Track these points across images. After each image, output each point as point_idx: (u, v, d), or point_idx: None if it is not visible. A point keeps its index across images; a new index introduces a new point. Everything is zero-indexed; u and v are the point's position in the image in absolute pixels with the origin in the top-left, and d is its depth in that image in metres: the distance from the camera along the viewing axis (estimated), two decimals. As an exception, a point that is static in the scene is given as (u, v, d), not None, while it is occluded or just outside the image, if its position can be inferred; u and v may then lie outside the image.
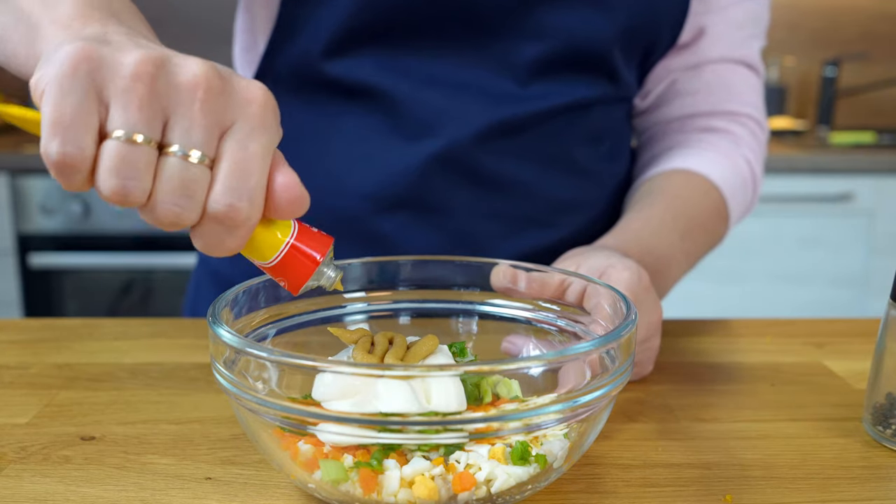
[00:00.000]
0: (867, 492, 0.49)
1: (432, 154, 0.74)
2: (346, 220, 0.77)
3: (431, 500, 0.42)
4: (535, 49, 0.74)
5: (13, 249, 2.06)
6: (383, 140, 0.75)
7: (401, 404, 0.41)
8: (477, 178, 0.76)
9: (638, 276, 0.59)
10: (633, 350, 0.46)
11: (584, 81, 0.77)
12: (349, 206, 0.76)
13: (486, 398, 0.49)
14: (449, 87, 0.74)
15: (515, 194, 0.77)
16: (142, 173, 0.37)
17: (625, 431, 0.56)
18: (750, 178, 0.84)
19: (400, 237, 0.76)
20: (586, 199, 0.81)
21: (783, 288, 2.14)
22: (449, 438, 0.40)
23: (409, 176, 0.74)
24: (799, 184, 2.08)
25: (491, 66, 0.74)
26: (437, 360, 0.49)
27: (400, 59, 0.74)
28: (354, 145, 0.76)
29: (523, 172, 0.77)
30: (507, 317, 0.57)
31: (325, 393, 0.43)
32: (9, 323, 0.79)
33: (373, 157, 0.75)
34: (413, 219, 0.76)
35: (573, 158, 0.79)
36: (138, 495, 0.48)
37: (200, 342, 0.72)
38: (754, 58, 0.85)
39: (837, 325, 0.79)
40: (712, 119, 0.85)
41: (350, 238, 0.77)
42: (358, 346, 0.49)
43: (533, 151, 0.77)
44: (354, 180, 0.76)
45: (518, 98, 0.75)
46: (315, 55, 0.74)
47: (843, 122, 2.60)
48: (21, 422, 0.57)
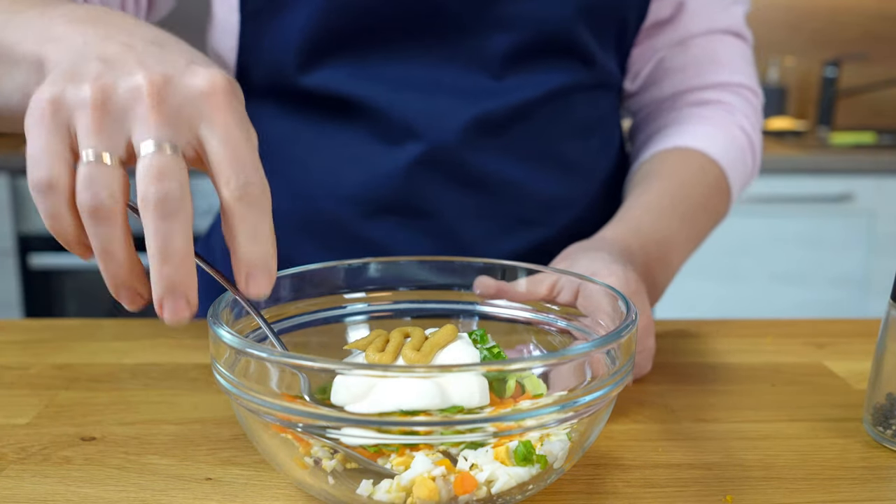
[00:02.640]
0: (867, 492, 0.49)
1: (416, 157, 0.74)
2: (334, 226, 0.77)
3: (432, 501, 0.42)
4: (504, 40, 0.73)
5: (13, 250, 2.06)
6: (367, 146, 0.75)
7: (421, 400, 0.41)
8: (463, 178, 0.75)
9: (624, 280, 0.59)
10: (633, 350, 0.46)
11: (559, 68, 0.76)
12: (337, 212, 0.76)
13: (509, 388, 0.48)
14: (424, 89, 0.73)
15: (503, 193, 0.77)
16: (111, 184, 0.40)
17: (625, 432, 0.56)
18: (748, 146, 0.84)
19: (389, 242, 0.76)
20: (576, 195, 0.81)
21: (783, 288, 2.14)
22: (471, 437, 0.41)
23: (395, 180, 0.74)
24: (799, 184, 2.08)
25: (463, 62, 0.74)
26: (457, 349, 0.48)
27: (371, 67, 0.73)
28: (340, 152, 0.76)
29: (510, 170, 0.76)
30: (508, 317, 0.57)
31: (344, 397, 0.43)
32: (9, 323, 0.79)
33: (358, 162, 0.75)
34: (401, 223, 0.76)
35: (561, 154, 0.79)
36: (138, 496, 0.48)
37: (201, 342, 0.72)
38: (739, 25, 0.84)
39: (838, 326, 0.79)
40: (704, 92, 0.84)
41: (339, 244, 0.77)
42: (370, 347, 0.49)
43: (518, 148, 0.76)
44: (342, 186, 0.76)
45: (495, 92, 0.74)
46: (287, 69, 0.74)
47: (844, 123, 2.60)
48: (21, 422, 0.57)
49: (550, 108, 0.77)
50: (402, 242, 0.76)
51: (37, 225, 2.05)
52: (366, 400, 0.43)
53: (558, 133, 0.78)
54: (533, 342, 0.56)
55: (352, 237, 0.76)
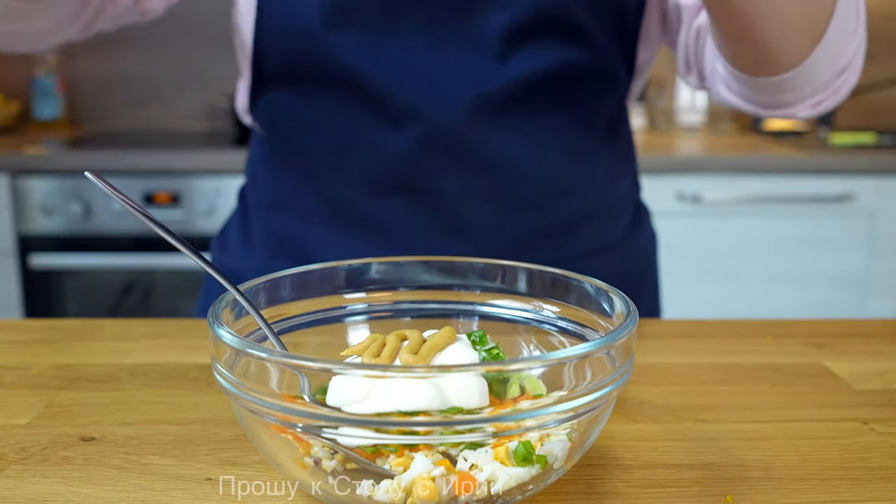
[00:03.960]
0: (868, 493, 0.49)
1: (419, 138, 0.75)
2: (340, 206, 0.79)
3: (432, 502, 0.42)
4: (503, 18, 0.74)
5: (13, 250, 2.06)
6: (372, 126, 0.76)
7: (419, 403, 0.41)
8: (466, 159, 0.76)
9: None
10: (633, 351, 0.46)
11: (558, 48, 0.76)
12: (343, 192, 0.78)
13: (510, 393, 0.48)
14: (426, 68, 0.74)
15: (507, 176, 0.77)
16: None
17: (625, 432, 0.56)
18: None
19: (393, 221, 0.78)
20: (580, 183, 0.81)
21: (784, 288, 2.14)
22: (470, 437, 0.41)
23: (399, 160, 0.76)
24: (799, 184, 2.08)
25: (465, 41, 0.74)
26: (455, 351, 0.48)
27: (376, 44, 0.74)
28: (345, 132, 0.78)
29: (513, 153, 0.77)
30: (508, 318, 0.57)
31: (339, 402, 0.43)
32: (9, 324, 0.79)
33: (364, 142, 0.77)
34: (405, 203, 0.77)
35: (565, 140, 0.79)
36: (138, 496, 0.48)
37: (201, 343, 0.72)
38: None
39: (838, 326, 0.79)
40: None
41: (346, 224, 0.78)
42: (366, 353, 0.49)
43: (521, 130, 0.77)
44: (349, 167, 0.78)
45: (496, 72, 0.75)
46: (299, 47, 0.75)
47: (844, 123, 2.59)
48: (21, 422, 0.57)
49: (552, 90, 0.77)
50: (406, 222, 0.77)
51: (37, 225, 2.05)
52: (364, 403, 0.43)
53: (562, 118, 0.78)
54: (533, 342, 0.56)
55: (359, 217, 0.78)
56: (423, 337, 0.50)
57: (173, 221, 1.99)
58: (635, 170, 0.91)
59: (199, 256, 0.48)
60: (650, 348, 0.72)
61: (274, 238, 0.84)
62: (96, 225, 2.04)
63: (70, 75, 2.49)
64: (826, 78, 0.73)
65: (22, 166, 2.01)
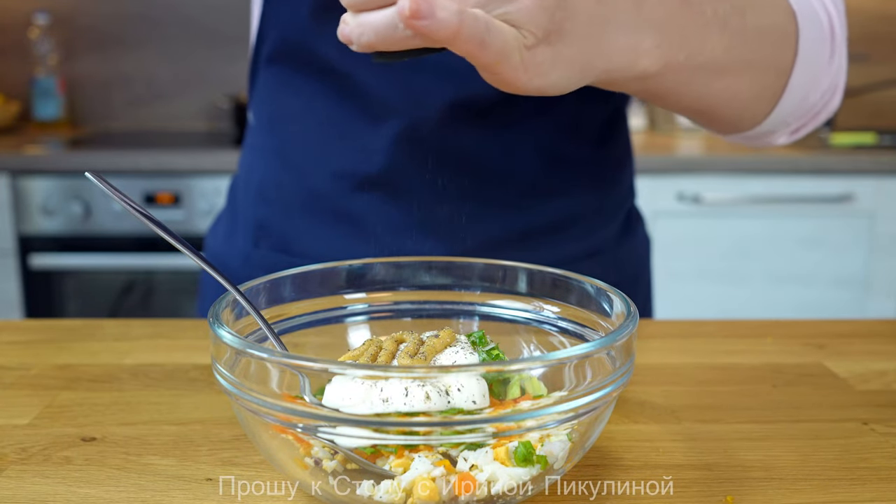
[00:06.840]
0: (868, 493, 0.49)
1: (397, 134, 0.75)
2: (321, 199, 0.79)
3: (432, 502, 0.42)
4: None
5: (14, 250, 2.06)
6: (353, 121, 0.77)
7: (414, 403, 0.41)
8: (442, 158, 0.76)
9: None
10: (633, 351, 0.46)
11: None
12: (324, 186, 0.79)
13: (511, 394, 0.48)
14: (405, 66, 0.74)
15: (483, 176, 0.77)
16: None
17: (625, 432, 0.56)
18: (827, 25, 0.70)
19: (370, 216, 0.78)
20: (563, 187, 0.81)
21: (784, 289, 2.14)
22: (471, 438, 0.41)
23: (378, 156, 0.76)
24: (800, 184, 2.08)
25: None
26: (455, 352, 0.48)
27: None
28: (328, 126, 0.78)
29: (489, 154, 0.77)
30: (508, 318, 0.57)
31: (336, 399, 0.43)
32: (9, 324, 0.79)
33: (345, 137, 0.78)
34: (383, 199, 0.78)
35: (548, 146, 0.79)
36: (139, 496, 0.48)
37: (201, 343, 0.72)
38: None
39: (838, 326, 0.79)
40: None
41: (324, 217, 0.79)
42: (361, 360, 0.48)
43: (498, 134, 0.77)
44: (331, 161, 0.79)
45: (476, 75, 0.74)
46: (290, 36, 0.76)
47: (844, 123, 2.59)
48: (22, 423, 0.57)
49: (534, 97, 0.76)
50: (384, 218, 0.77)
51: (37, 225, 2.05)
52: (362, 405, 0.43)
53: (544, 124, 0.78)
54: (533, 342, 0.56)
55: (339, 211, 0.79)
56: (421, 339, 0.50)
57: (174, 221, 1.99)
58: (631, 177, 0.90)
59: (199, 256, 0.48)
60: (650, 348, 0.72)
61: (256, 226, 0.84)
62: (96, 225, 2.04)
63: (70, 75, 2.49)
64: (799, 113, 0.73)
65: (22, 166, 2.01)
